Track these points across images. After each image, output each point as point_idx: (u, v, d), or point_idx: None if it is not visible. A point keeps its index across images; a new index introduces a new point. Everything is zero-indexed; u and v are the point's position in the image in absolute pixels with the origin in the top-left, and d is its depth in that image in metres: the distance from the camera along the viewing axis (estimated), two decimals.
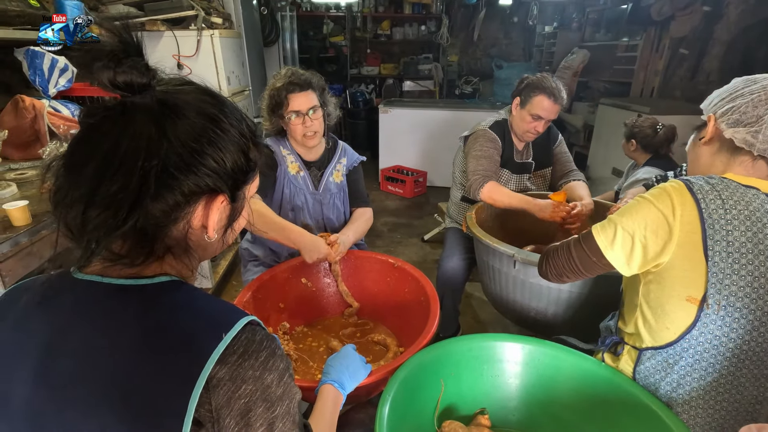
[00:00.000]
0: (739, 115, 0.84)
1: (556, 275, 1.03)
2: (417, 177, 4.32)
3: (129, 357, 0.46)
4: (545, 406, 1.03)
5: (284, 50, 4.65)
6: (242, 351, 0.48)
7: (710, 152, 0.92)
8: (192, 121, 0.51)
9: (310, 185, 1.53)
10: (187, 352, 0.46)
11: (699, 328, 0.84)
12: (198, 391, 0.44)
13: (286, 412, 0.51)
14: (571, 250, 0.98)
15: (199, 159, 0.51)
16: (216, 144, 0.52)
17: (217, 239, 0.58)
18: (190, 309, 0.51)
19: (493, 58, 6.20)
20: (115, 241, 0.50)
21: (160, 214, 0.50)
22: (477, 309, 2.42)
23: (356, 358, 0.91)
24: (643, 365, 0.94)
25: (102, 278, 0.51)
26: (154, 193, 0.48)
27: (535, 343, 1.04)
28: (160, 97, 0.50)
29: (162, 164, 0.48)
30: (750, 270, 0.79)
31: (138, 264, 0.51)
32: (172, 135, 0.49)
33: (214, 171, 0.52)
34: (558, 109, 1.72)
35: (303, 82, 1.41)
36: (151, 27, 2.33)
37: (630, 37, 4.28)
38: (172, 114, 0.50)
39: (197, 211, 0.53)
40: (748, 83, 0.86)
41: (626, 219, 0.89)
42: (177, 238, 0.54)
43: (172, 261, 0.55)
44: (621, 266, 0.91)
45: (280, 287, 1.38)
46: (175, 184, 0.49)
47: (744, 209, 0.80)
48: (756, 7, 3.12)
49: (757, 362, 0.83)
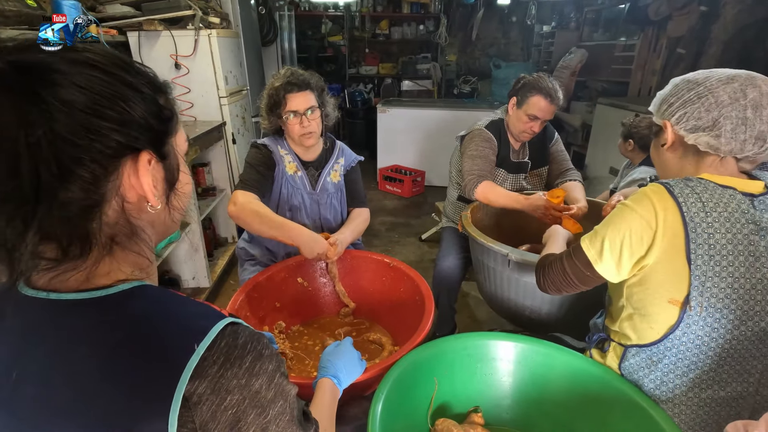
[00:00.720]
0: (695, 121, 0.85)
1: (554, 290, 1.04)
2: (415, 176, 4.33)
3: (96, 380, 0.42)
4: (538, 404, 1.04)
5: (282, 50, 4.65)
6: (223, 360, 0.43)
7: (676, 157, 0.93)
8: (69, 72, 0.41)
9: (307, 185, 1.54)
10: (158, 371, 0.42)
11: (682, 329, 0.85)
12: (175, 412, 0.40)
13: (281, 413, 0.49)
14: (565, 265, 0.99)
15: (98, 112, 0.42)
16: (111, 92, 0.43)
17: (162, 208, 0.51)
18: (159, 319, 0.45)
19: (491, 57, 6.21)
20: (43, 248, 0.42)
21: (80, 195, 0.41)
22: (474, 308, 2.43)
23: (353, 354, 0.91)
24: (627, 362, 0.95)
25: (48, 294, 0.45)
26: (58, 173, 0.39)
27: (528, 341, 1.04)
28: (11, 59, 0.40)
29: (51, 133, 0.39)
30: (731, 271, 0.80)
31: (84, 265, 0.44)
32: (48, 96, 0.39)
33: (122, 123, 0.43)
34: (554, 110, 1.72)
35: (301, 82, 1.41)
36: (148, 27, 2.34)
37: (627, 37, 4.29)
38: (37, 73, 0.40)
39: (124, 178, 0.45)
40: (691, 86, 0.86)
41: (611, 230, 0.89)
42: (116, 220, 0.46)
43: (121, 253, 0.48)
44: (612, 276, 0.91)
45: (277, 287, 1.38)
46: (80, 151, 0.41)
47: (723, 210, 0.80)
48: (753, 7, 3.12)
49: (739, 359, 0.84)
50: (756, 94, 0.80)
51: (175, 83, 2.47)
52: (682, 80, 0.90)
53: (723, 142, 0.83)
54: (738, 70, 0.86)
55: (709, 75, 0.85)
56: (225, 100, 2.61)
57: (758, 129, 0.81)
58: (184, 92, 2.51)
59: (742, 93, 0.81)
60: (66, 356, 0.43)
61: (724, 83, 0.83)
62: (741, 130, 0.81)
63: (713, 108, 0.82)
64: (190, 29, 2.43)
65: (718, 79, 0.84)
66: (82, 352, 0.43)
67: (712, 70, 0.87)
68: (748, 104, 0.80)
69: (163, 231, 0.55)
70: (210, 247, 2.64)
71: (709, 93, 0.83)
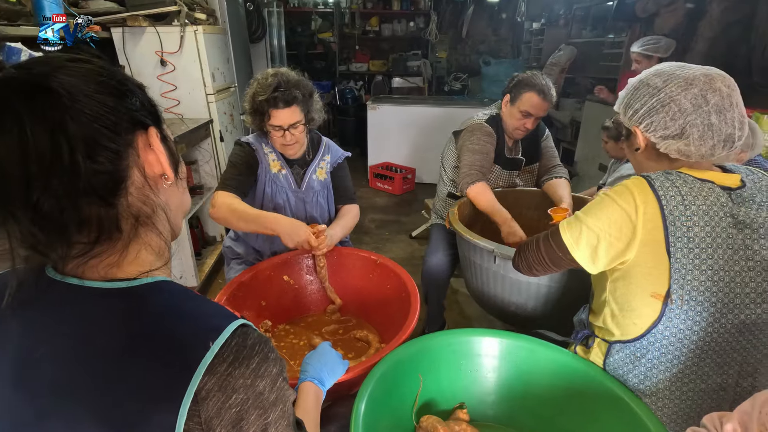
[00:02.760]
0: (663, 131, 0.86)
1: (527, 267, 1.06)
2: (406, 174, 4.32)
3: (113, 367, 0.44)
4: (522, 399, 1.04)
5: (271, 46, 4.61)
6: (232, 359, 0.46)
7: (650, 160, 0.94)
8: (70, 70, 0.46)
9: (292, 183, 1.53)
10: (174, 363, 0.44)
11: (664, 323, 0.86)
12: (186, 405, 0.43)
13: (280, 416, 0.50)
14: (540, 245, 1.01)
15: (108, 92, 0.47)
16: (113, 79, 0.49)
17: (174, 183, 0.56)
18: (177, 315, 0.48)
19: (481, 54, 6.21)
20: (79, 233, 0.46)
21: (108, 167, 0.46)
22: (463, 305, 2.44)
23: (333, 355, 0.91)
24: (612, 358, 0.96)
25: (81, 281, 0.48)
26: (87, 146, 0.44)
27: (512, 337, 1.05)
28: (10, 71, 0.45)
29: (75, 112, 0.44)
30: (710, 264, 0.81)
31: (113, 249, 0.49)
32: (62, 89, 0.44)
33: (129, 103, 0.49)
34: (547, 107, 1.73)
35: (288, 98, 1.35)
36: (132, 23, 2.30)
37: (615, 34, 4.32)
38: (43, 74, 0.45)
39: (141, 153, 0.51)
40: (652, 92, 0.87)
41: (591, 218, 0.90)
42: (138, 198, 0.51)
43: (146, 236, 0.53)
44: (586, 264, 0.92)
45: (262, 285, 1.37)
46: (101, 125, 0.46)
47: (702, 204, 0.81)
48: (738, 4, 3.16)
49: (719, 352, 0.85)
50: (717, 99, 0.82)
51: (160, 80, 2.45)
52: (641, 83, 0.90)
53: (693, 150, 0.85)
54: (695, 68, 0.86)
55: (668, 78, 0.86)
56: (212, 97, 2.58)
57: (725, 132, 0.83)
58: (170, 89, 2.48)
59: (704, 99, 0.82)
60: (87, 342, 0.45)
61: (683, 89, 0.83)
62: (708, 135, 0.83)
63: (678, 116, 0.84)
64: (175, 25, 2.39)
65: (677, 84, 0.84)
66: (103, 340, 0.45)
67: (670, 70, 0.88)
68: (711, 110, 0.82)
69: (179, 205, 0.60)
70: (198, 246, 2.62)
71: (671, 101, 0.84)
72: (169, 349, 0.45)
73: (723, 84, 0.83)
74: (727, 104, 0.82)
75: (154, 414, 0.43)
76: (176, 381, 0.43)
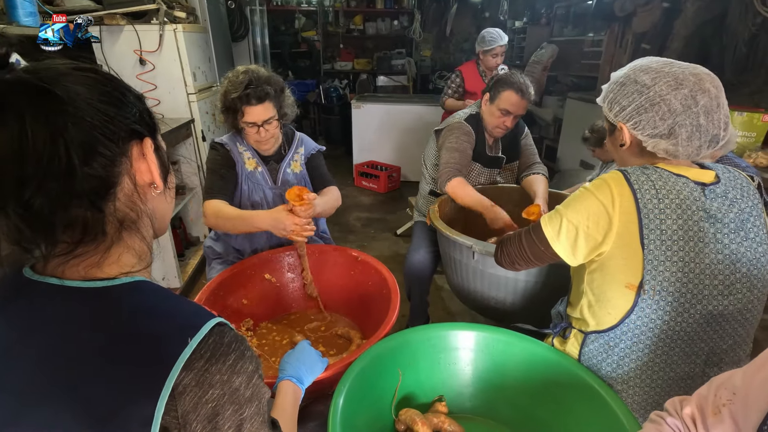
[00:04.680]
0: (651, 129, 0.87)
1: (509, 263, 1.08)
2: (391, 172, 4.34)
3: (92, 364, 0.45)
4: (499, 391, 1.07)
5: (254, 45, 4.57)
6: (209, 355, 0.47)
7: (635, 155, 0.96)
8: (73, 74, 0.49)
9: (269, 180, 1.53)
10: (153, 359, 0.46)
11: (636, 313, 0.89)
12: (164, 399, 0.44)
13: (255, 413, 0.51)
14: (522, 239, 1.03)
15: (109, 102, 0.50)
16: (114, 90, 0.51)
17: (162, 192, 0.58)
18: (155, 312, 0.50)
19: (465, 52, 6.25)
20: (64, 233, 0.47)
21: (101, 172, 0.48)
22: (447, 301, 2.46)
23: (311, 353, 0.92)
24: (587, 347, 0.98)
25: (61, 281, 0.49)
26: (84, 151, 0.46)
27: (488, 330, 1.07)
28: (20, 74, 0.46)
29: (76, 119, 0.46)
30: (681, 256, 0.84)
31: (96, 250, 0.50)
32: (63, 92, 0.46)
33: (128, 113, 0.51)
34: (526, 105, 1.76)
35: (261, 94, 1.35)
36: (110, 21, 2.27)
37: (595, 33, 4.39)
38: (51, 79, 0.46)
39: (133, 161, 0.52)
40: (641, 89, 0.87)
41: (570, 211, 0.93)
42: (125, 204, 0.52)
43: (129, 239, 0.54)
44: (567, 256, 0.95)
45: (243, 284, 1.38)
46: (99, 133, 0.48)
47: (675, 198, 0.84)
48: (711, 4, 3.24)
49: (687, 341, 0.88)
50: (706, 100, 0.83)
51: (140, 79, 2.42)
52: (627, 79, 0.90)
53: (681, 150, 0.86)
54: (682, 66, 0.87)
55: (657, 76, 0.86)
56: (194, 96, 2.56)
57: (711, 133, 0.84)
58: (150, 89, 2.45)
59: (693, 100, 0.83)
60: (66, 340, 0.46)
61: (673, 89, 0.84)
62: (696, 136, 0.84)
63: (667, 116, 0.84)
64: (154, 23, 2.37)
65: (667, 83, 0.85)
66: (82, 338, 0.47)
67: (657, 67, 0.88)
68: (700, 111, 0.83)
69: (163, 214, 0.61)
70: (181, 247, 2.60)
71: (661, 101, 0.85)
72: (147, 345, 0.46)
73: (711, 85, 0.84)
74: (714, 105, 0.83)
75: (131, 409, 0.43)
76: (154, 376, 0.44)
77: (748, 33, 2.96)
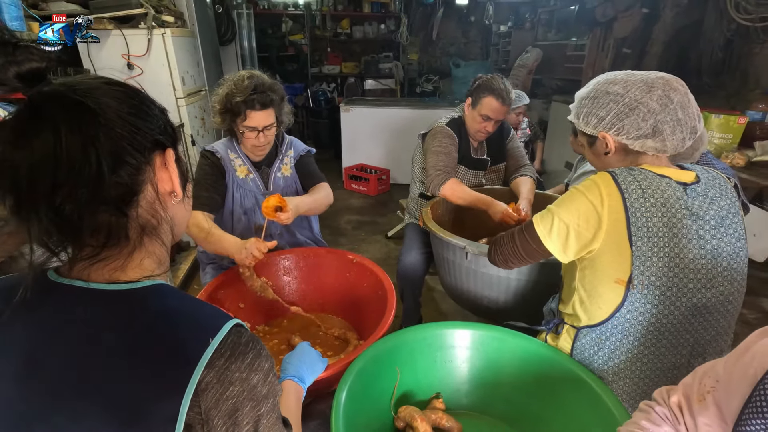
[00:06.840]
0: (636, 131, 0.94)
1: (502, 261, 1.12)
2: (380, 175, 4.36)
3: (117, 364, 0.47)
4: (494, 387, 1.09)
5: (242, 49, 4.56)
6: (229, 354, 0.49)
7: (618, 159, 1.01)
8: (106, 91, 0.51)
9: (261, 186, 1.54)
10: (177, 359, 0.48)
11: (626, 307, 0.93)
12: (189, 396, 0.46)
13: (271, 409, 0.54)
14: (515, 238, 1.07)
15: (137, 115, 0.53)
16: (141, 104, 0.54)
17: (181, 200, 0.61)
18: (177, 315, 0.52)
19: (451, 56, 6.34)
20: (93, 231, 0.50)
21: (127, 180, 0.51)
22: (439, 301, 2.49)
23: (312, 353, 0.94)
24: (579, 342, 1.02)
25: (87, 284, 0.52)
26: (114, 160, 0.49)
27: (483, 328, 1.10)
28: (56, 87, 0.50)
29: (107, 129, 0.49)
30: (667, 252, 0.88)
31: (120, 254, 0.53)
32: (95, 105, 0.49)
33: (152, 128, 0.54)
34: (506, 110, 1.80)
35: (265, 100, 1.37)
36: (97, 26, 2.24)
37: (578, 37, 4.50)
38: (84, 92, 0.49)
39: (156, 171, 0.55)
40: (616, 98, 0.94)
41: (562, 210, 0.97)
42: (147, 211, 0.55)
43: (150, 245, 0.57)
44: (558, 253, 0.99)
45: (239, 288, 1.38)
46: (127, 143, 0.51)
47: (660, 197, 0.89)
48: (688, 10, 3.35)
49: (674, 333, 0.93)
50: (679, 97, 0.91)
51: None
52: (597, 92, 0.97)
53: (668, 145, 0.93)
54: (645, 73, 0.96)
55: (626, 84, 0.94)
56: (182, 101, 2.55)
57: (690, 125, 0.92)
58: None
59: (668, 98, 0.91)
60: (93, 341, 0.49)
61: (646, 92, 0.92)
62: (678, 130, 0.92)
63: (648, 116, 0.91)
64: (142, 28, 2.36)
65: (639, 88, 0.93)
66: (110, 338, 0.49)
67: (623, 77, 0.95)
68: (677, 107, 0.91)
69: (181, 221, 0.64)
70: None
71: (639, 104, 0.92)
72: (172, 345, 0.49)
73: (678, 84, 0.93)
74: (686, 101, 0.92)
75: (158, 406, 0.46)
76: (179, 374, 0.47)
77: (724, 39, 3.07)
